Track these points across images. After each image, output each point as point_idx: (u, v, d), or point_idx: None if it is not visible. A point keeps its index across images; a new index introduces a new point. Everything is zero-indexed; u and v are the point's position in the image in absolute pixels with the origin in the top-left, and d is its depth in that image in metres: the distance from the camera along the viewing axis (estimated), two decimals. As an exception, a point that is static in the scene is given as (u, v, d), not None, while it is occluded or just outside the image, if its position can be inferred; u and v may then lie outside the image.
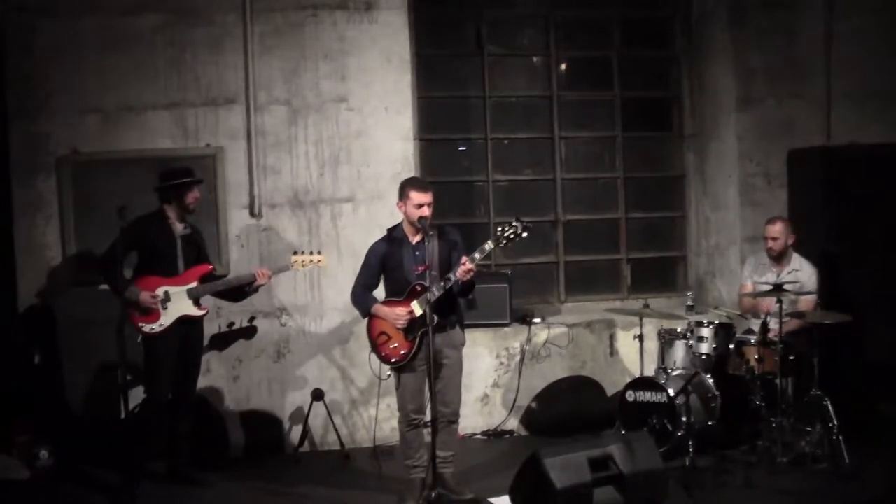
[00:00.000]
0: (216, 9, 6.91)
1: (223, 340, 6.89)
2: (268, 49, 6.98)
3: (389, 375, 5.67)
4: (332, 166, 7.08)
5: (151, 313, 5.93)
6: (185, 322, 6.00)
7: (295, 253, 6.27)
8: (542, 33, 8.01)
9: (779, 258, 6.70)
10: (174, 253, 6.03)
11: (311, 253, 6.24)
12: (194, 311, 6.03)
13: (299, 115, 7.04)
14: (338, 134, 7.09)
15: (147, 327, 5.93)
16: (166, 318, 5.94)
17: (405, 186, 5.61)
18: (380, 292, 5.75)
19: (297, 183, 7.04)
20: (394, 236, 5.66)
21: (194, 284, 6.04)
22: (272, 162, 7.02)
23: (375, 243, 5.72)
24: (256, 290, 6.22)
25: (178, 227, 6.09)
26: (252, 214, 7.00)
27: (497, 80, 7.91)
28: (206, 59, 6.91)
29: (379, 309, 5.60)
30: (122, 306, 5.81)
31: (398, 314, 5.51)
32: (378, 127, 7.12)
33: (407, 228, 5.61)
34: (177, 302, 5.96)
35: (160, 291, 5.96)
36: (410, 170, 7.09)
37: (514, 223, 5.36)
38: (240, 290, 6.19)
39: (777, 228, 6.67)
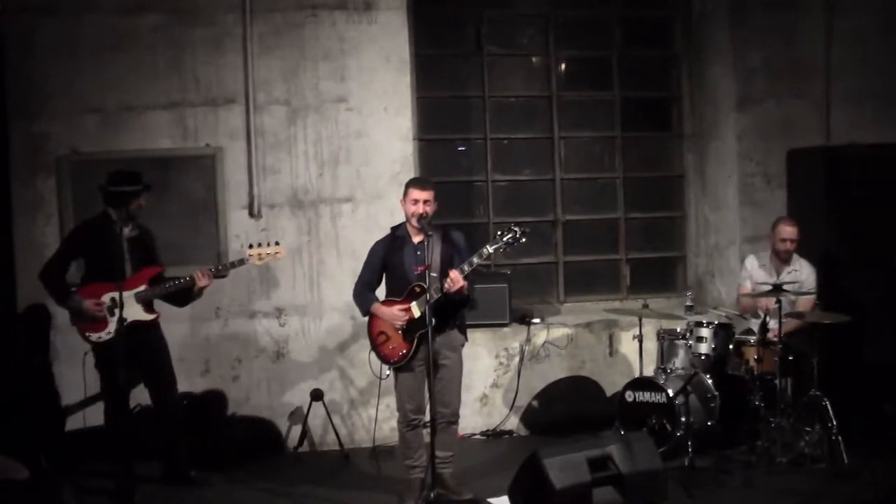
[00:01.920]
0: (216, 9, 6.91)
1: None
2: (267, 49, 6.98)
3: (388, 375, 5.67)
4: (332, 166, 7.08)
5: (98, 321, 5.77)
6: (137, 328, 5.77)
7: (251, 246, 6.03)
8: (542, 33, 8.01)
9: (786, 259, 6.70)
10: (121, 257, 5.78)
11: (269, 245, 6.01)
12: (144, 316, 5.84)
13: (299, 116, 7.04)
14: (337, 134, 7.09)
15: (94, 336, 5.79)
16: (114, 326, 5.65)
17: (406, 185, 5.65)
18: (381, 291, 5.75)
19: (296, 183, 7.05)
20: (396, 235, 5.67)
21: (142, 288, 5.85)
22: (272, 162, 7.02)
23: (377, 242, 5.73)
24: (200, 292, 5.96)
25: (126, 230, 5.86)
26: (251, 214, 7.00)
27: (496, 81, 7.91)
28: (206, 59, 6.92)
29: (378, 308, 5.61)
30: (70, 316, 5.72)
31: (396, 315, 5.51)
32: (377, 127, 7.12)
33: (410, 228, 5.62)
34: (125, 308, 5.54)
35: (106, 298, 5.77)
36: (410, 170, 7.10)
37: (513, 227, 5.37)
38: (186, 294, 5.97)
39: (793, 230, 6.67)
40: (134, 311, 5.79)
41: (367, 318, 5.70)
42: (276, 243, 6.03)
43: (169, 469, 6.13)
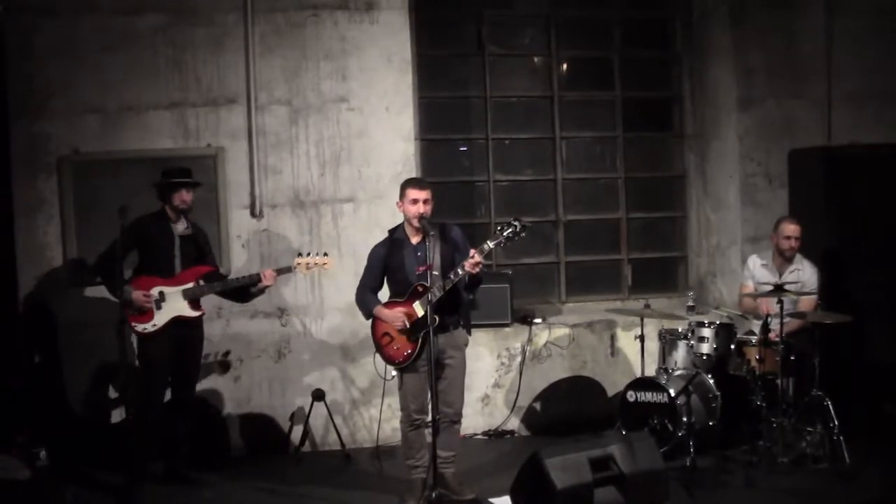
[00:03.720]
0: (217, 9, 6.91)
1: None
2: (269, 49, 6.98)
3: (394, 376, 5.67)
4: (333, 166, 7.08)
5: (145, 313, 5.91)
6: (180, 323, 5.96)
7: (300, 255, 6.15)
8: (543, 33, 8.01)
9: (790, 258, 6.70)
10: (171, 253, 6.01)
11: (317, 254, 6.10)
12: (189, 312, 6.00)
13: (300, 116, 7.04)
14: (339, 134, 7.09)
15: (140, 327, 5.91)
16: (160, 318, 5.92)
17: (403, 185, 5.64)
18: (383, 294, 5.75)
19: (297, 183, 7.05)
20: (395, 237, 5.66)
21: (191, 285, 6.00)
22: (273, 162, 7.02)
23: (376, 245, 5.72)
24: (262, 290, 6.15)
25: (179, 227, 6.07)
26: (253, 215, 7.00)
27: (498, 81, 7.91)
28: (207, 59, 6.91)
29: (380, 311, 5.60)
30: (120, 306, 5.80)
31: (397, 316, 5.51)
32: (379, 127, 7.12)
33: (408, 229, 5.62)
34: (172, 302, 5.93)
35: (155, 291, 5.93)
36: (411, 170, 7.10)
37: (513, 222, 5.36)
38: (244, 291, 6.13)
39: (796, 228, 6.67)
40: (180, 307, 5.95)
41: (370, 322, 5.69)
42: (325, 254, 6.11)
43: (169, 469, 6.15)
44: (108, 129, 6.81)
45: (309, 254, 6.14)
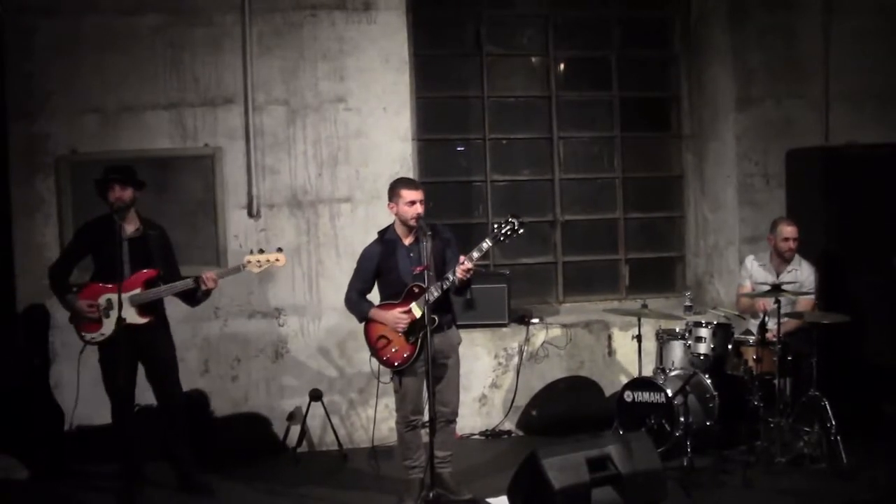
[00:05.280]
0: (215, 9, 6.91)
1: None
2: (266, 49, 6.98)
3: (392, 379, 5.63)
4: (331, 166, 7.08)
5: (93, 322, 5.72)
6: (134, 330, 5.67)
7: (251, 252, 5.89)
8: (541, 33, 8.01)
9: (788, 258, 6.70)
10: (119, 257, 5.65)
11: (262, 251, 5.87)
12: (136, 320, 5.69)
13: (298, 116, 7.04)
14: (336, 134, 7.09)
15: (88, 336, 5.73)
16: (107, 327, 5.66)
17: (395, 187, 5.58)
18: (373, 296, 5.74)
19: (295, 183, 7.05)
20: (386, 239, 5.62)
21: (137, 291, 5.71)
22: (271, 162, 7.02)
23: (368, 247, 5.67)
24: (207, 293, 5.85)
25: (128, 229, 5.76)
26: (250, 215, 7.00)
27: (496, 81, 7.91)
28: (205, 59, 6.92)
29: (377, 313, 5.57)
30: (69, 315, 5.72)
31: (398, 317, 5.48)
32: (377, 127, 7.12)
33: (399, 230, 5.59)
34: (119, 310, 5.53)
35: (102, 299, 5.71)
36: (409, 170, 7.10)
37: (510, 219, 5.36)
38: (192, 295, 5.88)
39: (794, 228, 6.67)
40: (128, 314, 5.65)
41: (363, 325, 5.66)
42: (279, 249, 5.88)
43: (180, 475, 6.03)
44: (106, 129, 6.81)
45: (262, 251, 5.87)
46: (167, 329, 5.99)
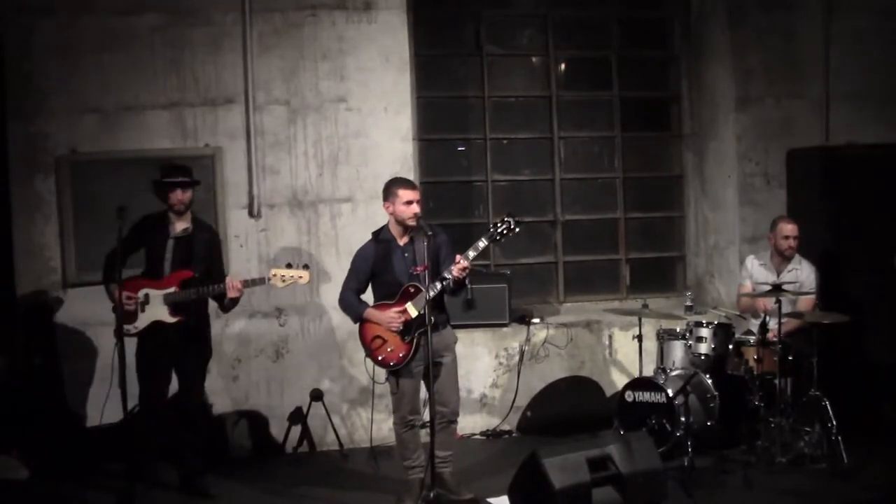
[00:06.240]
0: (215, 9, 6.91)
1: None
2: (267, 49, 6.98)
3: (387, 380, 5.61)
4: (331, 166, 7.08)
5: (130, 314, 5.75)
6: (165, 328, 5.73)
7: (277, 267, 5.91)
8: (541, 33, 8.01)
9: (789, 257, 6.70)
10: (162, 254, 5.79)
11: (290, 266, 5.87)
12: (166, 318, 5.73)
13: (298, 115, 7.04)
14: (337, 134, 7.09)
15: (126, 327, 5.75)
16: (141, 322, 5.73)
17: (390, 186, 5.57)
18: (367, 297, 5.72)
19: (295, 183, 7.04)
20: (381, 239, 5.61)
21: (172, 289, 5.75)
22: (271, 162, 7.02)
23: (363, 248, 5.66)
24: (235, 301, 5.86)
25: (176, 228, 5.86)
26: (251, 215, 6.99)
27: (496, 81, 7.91)
28: (205, 58, 6.91)
29: (372, 313, 5.55)
30: (112, 306, 5.73)
31: (392, 317, 5.47)
32: (377, 127, 7.12)
33: (394, 230, 5.58)
34: (154, 306, 5.70)
35: (142, 293, 5.76)
36: (409, 170, 7.09)
37: (506, 218, 5.36)
38: (220, 300, 5.90)
39: (794, 227, 6.68)
40: (159, 312, 5.74)
41: (357, 326, 5.64)
42: (306, 266, 5.88)
43: (182, 477, 6.01)
44: (106, 129, 6.80)
45: (290, 265, 5.90)
46: (203, 333, 5.99)
